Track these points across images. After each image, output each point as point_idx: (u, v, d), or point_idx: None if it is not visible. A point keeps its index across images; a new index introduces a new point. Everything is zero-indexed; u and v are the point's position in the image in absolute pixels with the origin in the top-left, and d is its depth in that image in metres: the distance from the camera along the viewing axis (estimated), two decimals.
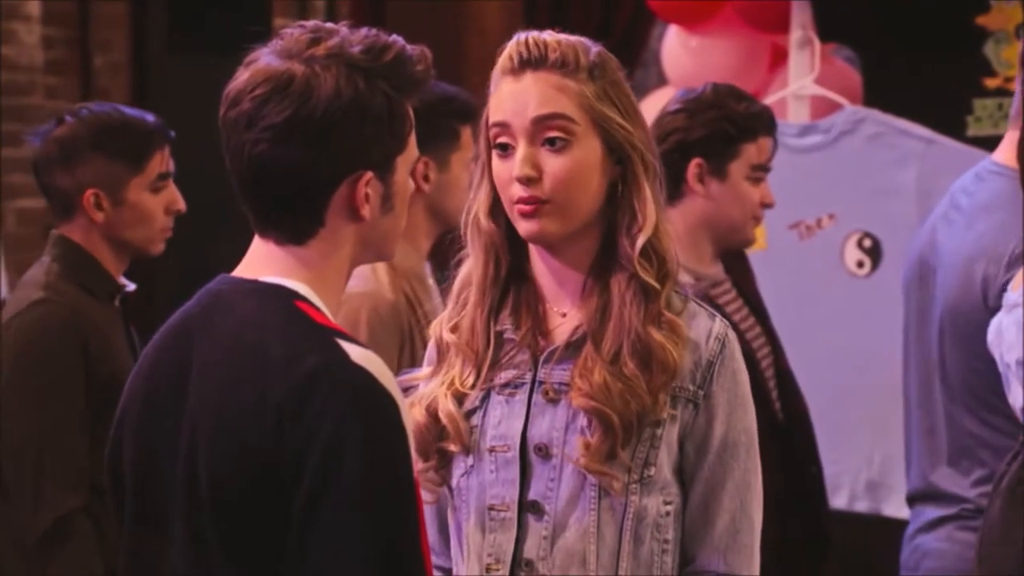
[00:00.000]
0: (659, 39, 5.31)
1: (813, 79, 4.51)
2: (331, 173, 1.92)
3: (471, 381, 2.28)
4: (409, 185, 2.02)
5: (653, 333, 2.21)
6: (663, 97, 4.34)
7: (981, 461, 3.00)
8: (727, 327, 2.28)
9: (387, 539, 1.82)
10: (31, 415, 3.13)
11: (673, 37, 4.97)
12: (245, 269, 1.98)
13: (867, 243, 4.34)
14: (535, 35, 2.25)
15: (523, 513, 2.23)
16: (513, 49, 2.24)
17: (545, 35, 2.25)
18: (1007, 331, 2.65)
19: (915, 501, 3.16)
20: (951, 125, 4.37)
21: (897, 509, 4.09)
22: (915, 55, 4.49)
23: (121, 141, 3.25)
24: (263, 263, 1.96)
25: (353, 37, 1.93)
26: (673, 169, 3.13)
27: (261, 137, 1.89)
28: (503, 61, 2.25)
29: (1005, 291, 2.74)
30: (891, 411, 3.62)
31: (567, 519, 2.22)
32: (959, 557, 3.00)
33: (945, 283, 3.02)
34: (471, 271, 2.32)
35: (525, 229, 2.23)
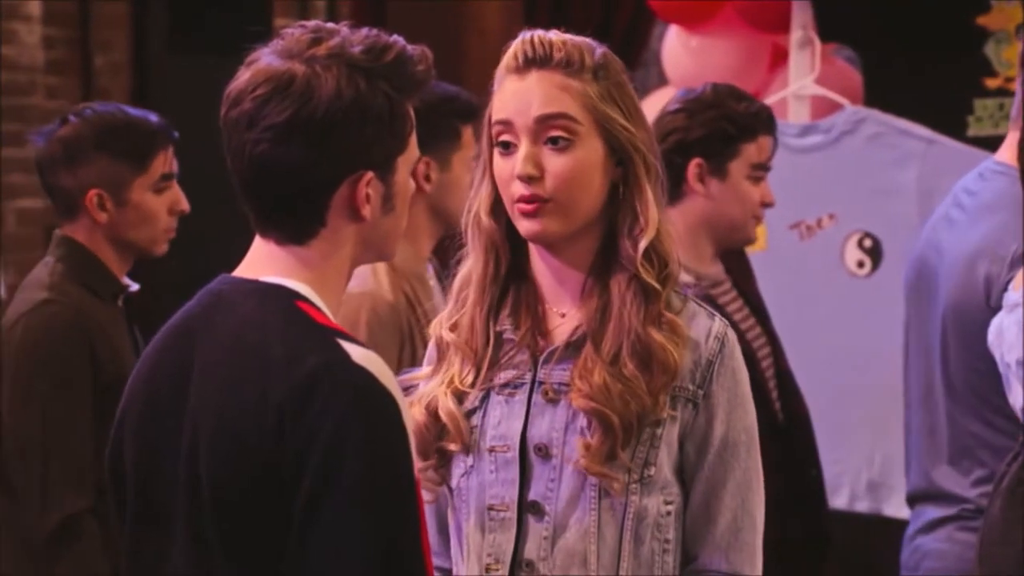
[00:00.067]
0: (659, 39, 5.31)
1: (814, 79, 4.51)
2: (332, 173, 1.92)
3: (470, 379, 2.28)
4: (410, 185, 2.02)
5: (653, 334, 2.21)
6: (664, 97, 4.33)
7: (981, 461, 3.00)
8: (726, 326, 2.28)
9: (388, 538, 1.82)
10: (38, 416, 3.12)
11: (673, 37, 4.97)
12: (246, 269, 1.98)
13: (867, 243, 4.34)
14: (541, 34, 2.24)
15: (523, 513, 2.23)
16: (518, 47, 2.24)
17: (551, 35, 2.24)
18: (1008, 331, 2.65)
19: (915, 501, 3.16)
20: (952, 125, 4.37)
21: (898, 509, 4.09)
22: (916, 55, 4.49)
23: (125, 141, 3.24)
24: (264, 263, 1.96)
25: (354, 37, 1.94)
26: (673, 169, 3.13)
27: (262, 137, 1.90)
28: (508, 59, 2.25)
29: (1007, 291, 2.74)
30: (892, 411, 3.62)
31: (567, 519, 2.21)
32: (959, 558, 3.00)
33: (947, 282, 3.01)
34: (471, 270, 2.31)
35: (526, 228, 2.23)
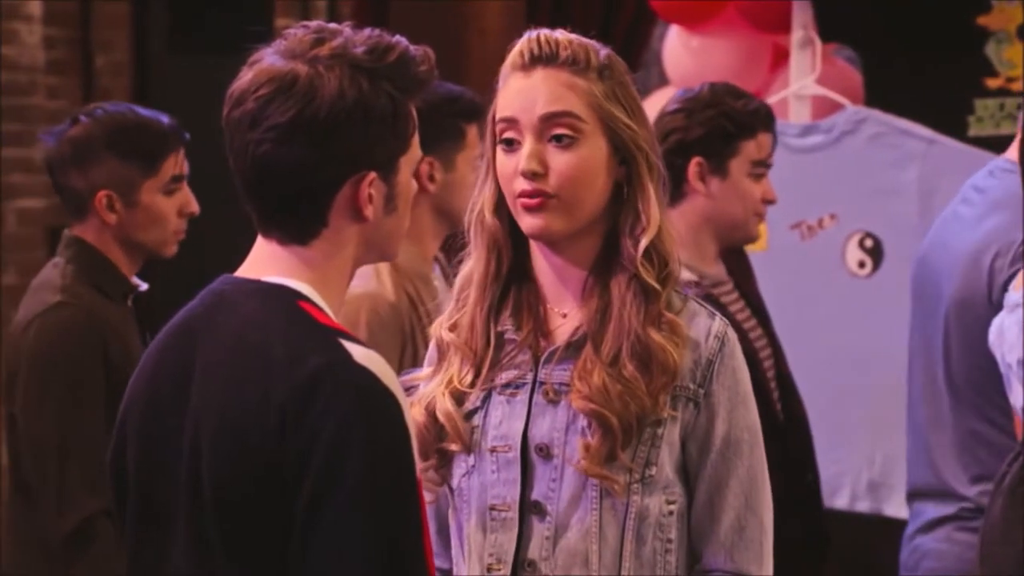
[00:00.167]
0: (660, 39, 5.30)
1: (814, 79, 4.50)
2: (335, 173, 1.92)
3: (469, 379, 2.28)
4: (412, 186, 2.02)
5: (653, 335, 2.21)
6: (664, 97, 4.32)
7: (981, 459, 3.00)
8: (726, 325, 2.28)
9: (389, 539, 1.82)
10: (52, 418, 3.13)
11: (674, 37, 4.97)
12: (248, 269, 1.98)
13: (868, 243, 4.34)
14: (547, 32, 2.25)
15: (525, 513, 2.23)
16: (524, 45, 2.24)
17: (557, 33, 2.25)
18: (1008, 331, 2.65)
19: (915, 498, 3.16)
20: (952, 125, 4.36)
21: (898, 509, 4.09)
22: (916, 55, 4.48)
23: (135, 143, 3.23)
24: (266, 263, 1.96)
25: (357, 38, 1.93)
26: (673, 169, 3.13)
27: (265, 137, 1.89)
28: (513, 57, 2.25)
29: (1008, 288, 2.74)
30: (892, 411, 3.62)
31: (569, 519, 2.21)
32: (959, 558, 3.00)
33: (952, 277, 3.02)
34: (472, 269, 2.31)
35: (529, 224, 2.23)
